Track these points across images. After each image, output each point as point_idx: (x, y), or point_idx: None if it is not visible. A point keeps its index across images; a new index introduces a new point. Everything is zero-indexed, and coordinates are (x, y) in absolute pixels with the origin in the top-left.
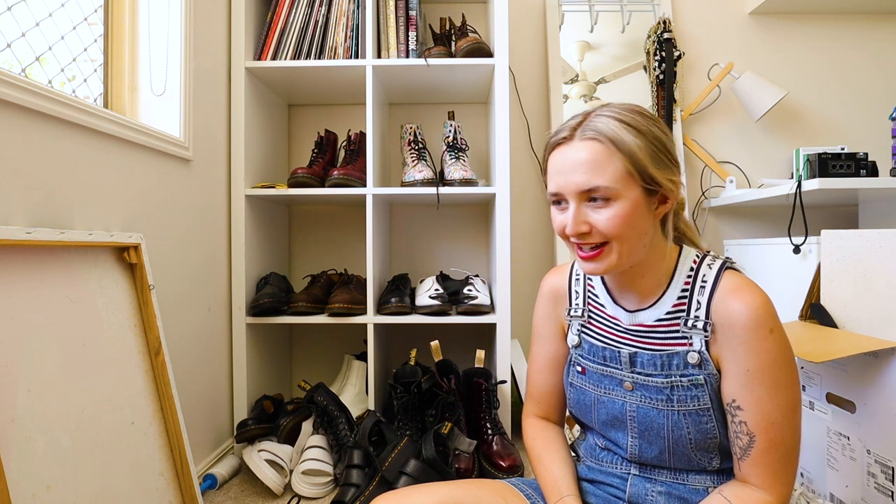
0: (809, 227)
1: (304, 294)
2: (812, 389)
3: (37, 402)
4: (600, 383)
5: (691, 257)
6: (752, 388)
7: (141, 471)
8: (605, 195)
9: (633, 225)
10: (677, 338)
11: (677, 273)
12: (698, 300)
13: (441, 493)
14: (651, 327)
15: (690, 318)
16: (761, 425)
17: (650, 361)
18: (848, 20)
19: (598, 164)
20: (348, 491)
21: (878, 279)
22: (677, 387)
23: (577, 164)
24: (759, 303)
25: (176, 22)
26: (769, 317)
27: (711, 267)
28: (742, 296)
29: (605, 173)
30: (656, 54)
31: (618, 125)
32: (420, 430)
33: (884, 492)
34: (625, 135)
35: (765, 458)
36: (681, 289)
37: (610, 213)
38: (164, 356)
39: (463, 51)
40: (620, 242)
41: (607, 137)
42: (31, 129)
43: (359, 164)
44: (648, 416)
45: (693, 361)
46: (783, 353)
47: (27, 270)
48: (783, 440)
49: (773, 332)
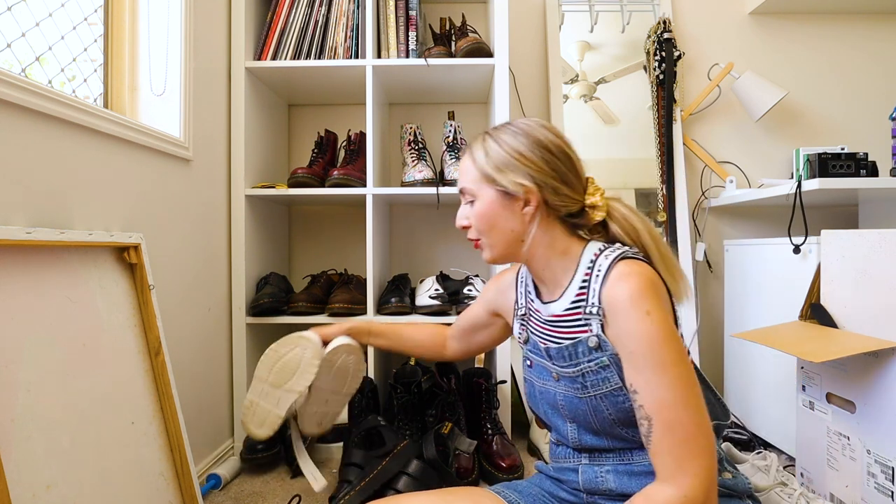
0: (809, 227)
1: (304, 294)
2: (812, 389)
3: (37, 402)
4: (540, 375)
5: (593, 250)
6: (640, 370)
7: (141, 471)
8: (469, 195)
9: (492, 220)
10: (580, 325)
11: (580, 265)
12: (594, 288)
13: (420, 501)
14: (560, 317)
15: (588, 306)
16: (654, 406)
17: (559, 353)
18: (848, 20)
19: (465, 171)
20: (343, 488)
21: (878, 279)
22: (588, 373)
23: (460, 172)
24: (637, 286)
25: (176, 22)
26: (644, 299)
27: (608, 258)
28: (624, 281)
29: (467, 177)
30: (656, 54)
31: (480, 140)
32: (420, 431)
33: (884, 492)
34: (478, 147)
35: (663, 442)
36: (581, 279)
37: (473, 210)
38: (164, 356)
39: (463, 51)
40: (486, 236)
41: (471, 150)
42: (31, 129)
43: (359, 164)
44: (573, 404)
45: (592, 345)
46: (662, 332)
47: (27, 270)
48: (679, 421)
49: (649, 314)
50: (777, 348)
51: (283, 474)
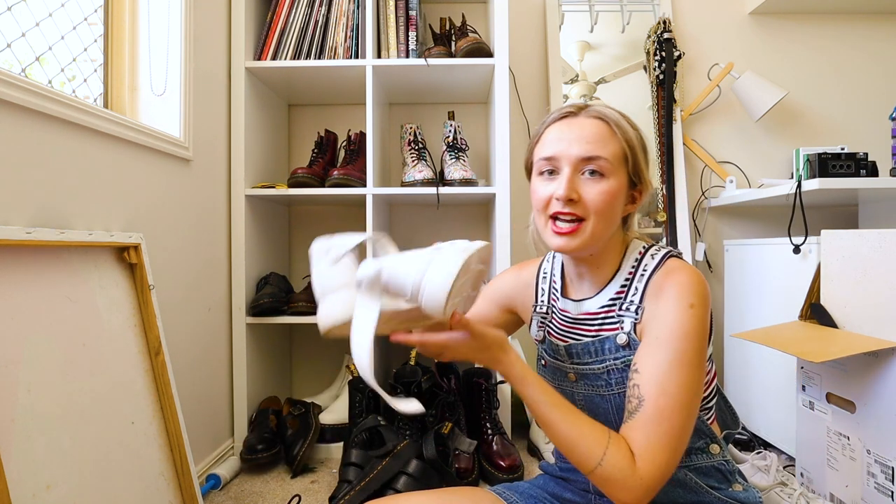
0: (809, 227)
1: (304, 294)
2: (812, 389)
3: (37, 402)
4: (554, 375)
5: (638, 248)
6: (655, 354)
7: (141, 471)
8: (601, 168)
9: (613, 206)
10: (611, 322)
11: (624, 263)
12: (636, 286)
13: (420, 501)
14: (593, 315)
15: (626, 303)
16: (653, 391)
17: (584, 350)
18: (848, 20)
19: (602, 138)
20: (343, 487)
21: (877, 279)
22: (613, 370)
23: (581, 135)
24: (688, 280)
25: (176, 22)
26: (693, 294)
27: (654, 257)
28: (675, 274)
29: (607, 148)
30: (656, 54)
31: (619, 116)
32: (420, 431)
33: (884, 492)
34: (624, 124)
35: (646, 425)
36: (624, 278)
37: (600, 188)
38: (164, 356)
39: (463, 51)
40: (597, 221)
41: (612, 121)
42: (31, 129)
43: (359, 164)
44: (594, 402)
45: (621, 342)
46: (696, 331)
47: (27, 270)
48: (670, 416)
49: (692, 308)
50: (777, 348)
51: (283, 474)
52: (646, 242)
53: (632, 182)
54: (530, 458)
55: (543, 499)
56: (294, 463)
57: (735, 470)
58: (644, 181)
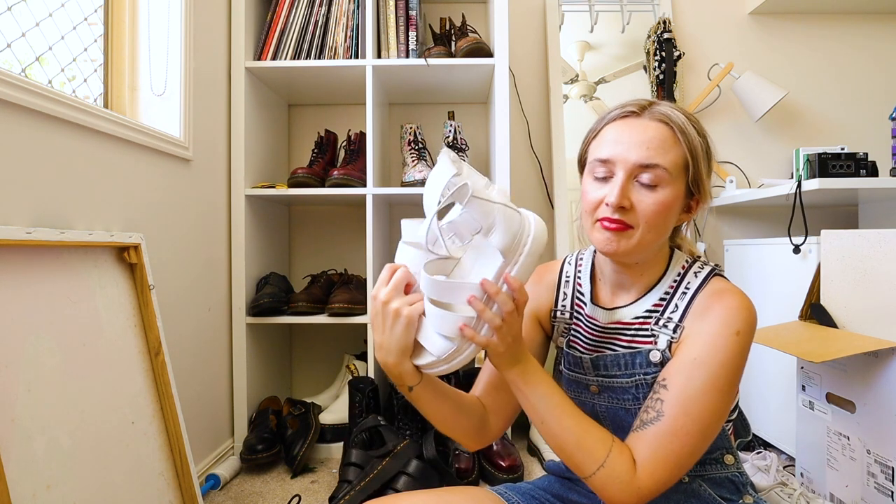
0: (809, 227)
1: (304, 294)
2: (812, 389)
3: (37, 402)
4: (570, 387)
5: (681, 262)
6: (689, 375)
7: (141, 471)
8: (658, 178)
9: (666, 218)
10: (645, 336)
11: (666, 275)
12: (677, 304)
13: (420, 500)
14: (626, 324)
15: (663, 319)
16: (676, 411)
17: (614, 362)
18: (848, 20)
19: (663, 144)
20: (343, 487)
21: (878, 279)
22: (642, 384)
23: (642, 139)
24: (738, 305)
25: (176, 22)
26: (742, 321)
27: (697, 275)
28: (725, 297)
29: (668, 156)
30: (656, 54)
31: (685, 119)
32: (420, 430)
33: (884, 492)
34: (690, 129)
35: (657, 439)
36: (664, 291)
37: (654, 198)
38: (164, 356)
39: (463, 51)
40: (647, 231)
41: (677, 126)
42: (31, 129)
43: (359, 164)
44: (618, 416)
45: (655, 360)
46: (735, 360)
47: (27, 270)
48: (684, 436)
49: (738, 336)
50: (777, 348)
51: (283, 474)
52: (689, 256)
53: (689, 191)
54: (530, 458)
55: (545, 500)
56: (294, 463)
57: (748, 482)
58: (703, 191)
